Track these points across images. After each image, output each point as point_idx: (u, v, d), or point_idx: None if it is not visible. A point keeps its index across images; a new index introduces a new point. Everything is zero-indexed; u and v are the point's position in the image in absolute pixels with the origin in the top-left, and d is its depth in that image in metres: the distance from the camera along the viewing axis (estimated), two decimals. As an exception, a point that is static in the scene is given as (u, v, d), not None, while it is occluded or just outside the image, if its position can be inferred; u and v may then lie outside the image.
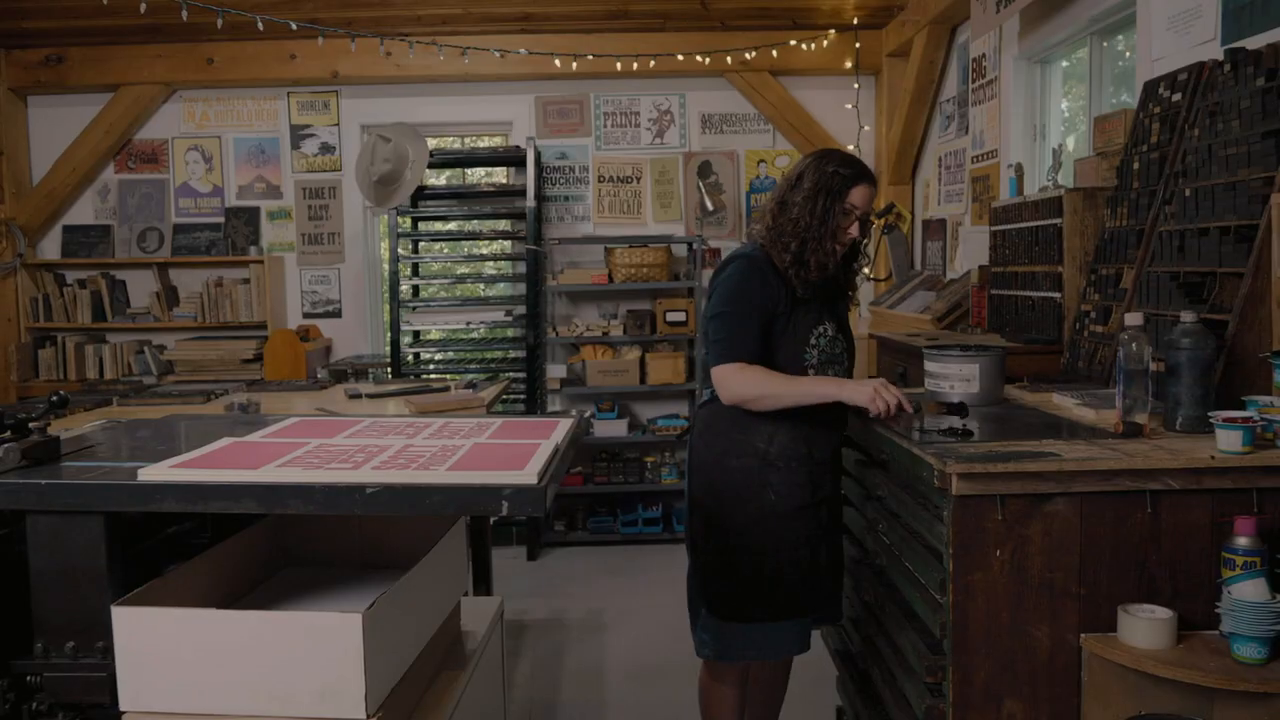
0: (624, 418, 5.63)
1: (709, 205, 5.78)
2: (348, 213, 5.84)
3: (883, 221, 5.53)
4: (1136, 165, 2.85)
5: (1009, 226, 3.49)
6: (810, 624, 2.49)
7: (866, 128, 5.74)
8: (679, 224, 5.85)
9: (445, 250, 5.94)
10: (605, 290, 5.60)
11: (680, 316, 5.38)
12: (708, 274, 5.74)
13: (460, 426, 1.76)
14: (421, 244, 5.71)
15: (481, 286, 6.39)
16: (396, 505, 1.31)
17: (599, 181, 5.83)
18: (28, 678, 1.40)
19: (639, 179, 5.84)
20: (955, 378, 2.56)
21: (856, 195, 2.35)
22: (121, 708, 1.35)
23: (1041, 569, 1.91)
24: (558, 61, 5.30)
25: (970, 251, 4.61)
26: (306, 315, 5.89)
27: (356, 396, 3.46)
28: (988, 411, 2.46)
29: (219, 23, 4.36)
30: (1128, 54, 3.65)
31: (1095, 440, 2.03)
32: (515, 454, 1.46)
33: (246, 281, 5.71)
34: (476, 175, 6.31)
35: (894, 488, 2.34)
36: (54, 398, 2.17)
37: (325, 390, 3.78)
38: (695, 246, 5.49)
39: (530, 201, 5.30)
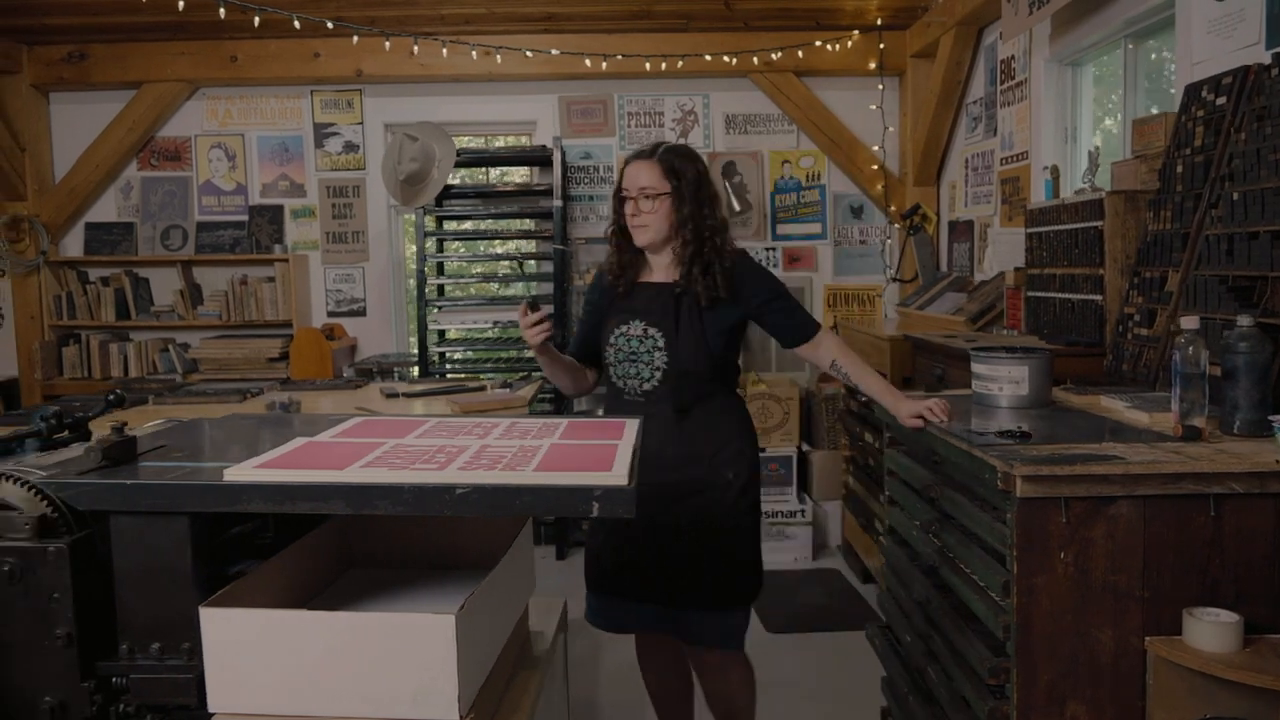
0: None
1: (735, 206, 5.77)
2: (371, 211, 5.85)
3: (908, 223, 5.53)
4: (1180, 168, 2.84)
5: (1046, 229, 3.49)
6: (628, 607, 2.63)
7: (891, 129, 5.74)
8: (702, 224, 5.84)
9: (462, 249, 5.92)
10: (629, 290, 5.58)
11: (705, 317, 5.37)
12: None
13: (529, 427, 1.76)
14: (446, 243, 5.71)
15: (496, 286, 6.38)
16: (486, 506, 1.31)
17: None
18: (113, 679, 1.40)
19: (662, 179, 5.83)
20: (1004, 380, 2.55)
21: (626, 178, 2.52)
22: (210, 709, 1.35)
23: (1104, 571, 1.91)
24: (588, 61, 5.30)
25: (1000, 253, 4.60)
26: (331, 314, 5.89)
27: (394, 396, 3.46)
28: (1037, 414, 2.45)
29: (257, 20, 4.36)
30: (1151, 56, 3.64)
31: (1155, 444, 2.03)
32: (595, 455, 1.46)
33: (271, 280, 5.71)
34: (494, 174, 6.31)
35: (947, 489, 2.34)
36: (110, 396, 2.17)
37: (360, 389, 3.78)
38: (720, 247, 5.48)
39: (557, 201, 5.30)
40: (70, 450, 1.61)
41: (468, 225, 5.92)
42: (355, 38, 4.81)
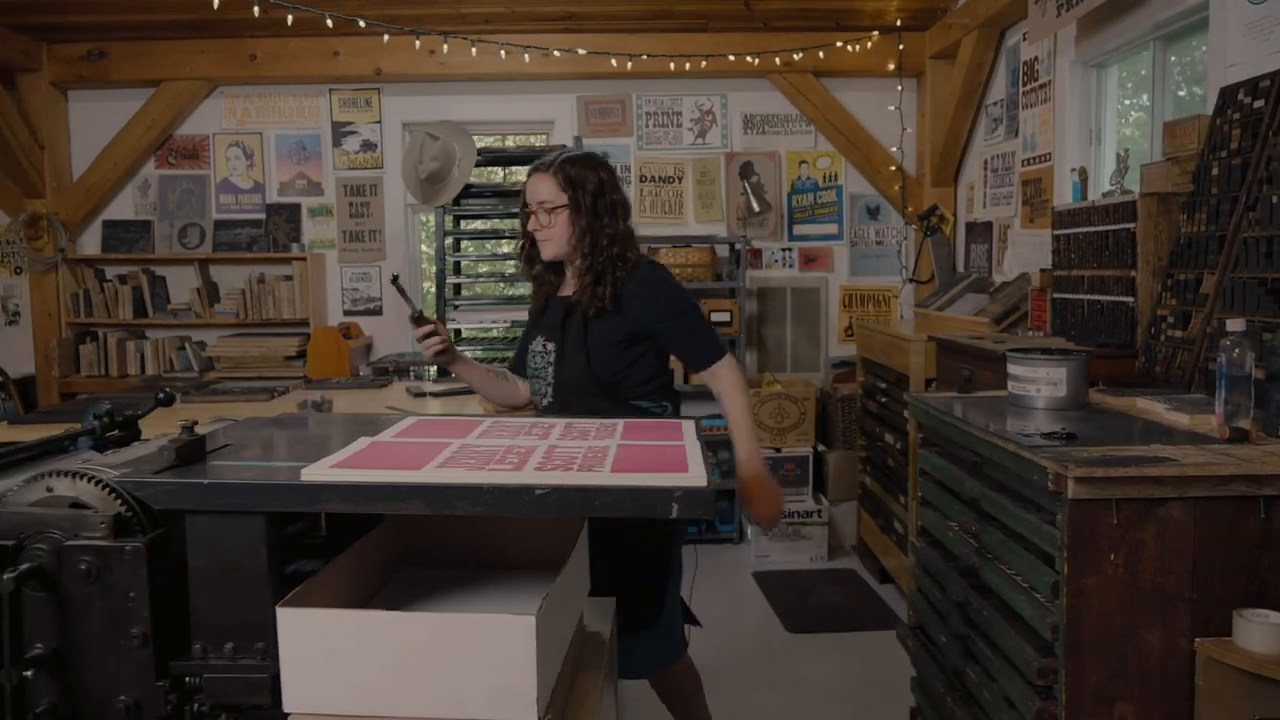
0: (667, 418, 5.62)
1: (755, 207, 5.78)
2: (389, 210, 5.85)
3: (925, 224, 5.54)
4: (1215, 171, 2.85)
5: (1074, 230, 3.49)
6: None
7: (908, 129, 5.74)
8: (720, 224, 5.86)
9: (471, 248, 5.92)
10: (646, 290, 5.59)
11: (725, 317, 5.38)
12: (751, 274, 5.75)
13: (587, 427, 1.76)
14: (462, 242, 5.71)
15: (501, 285, 6.38)
16: (565, 507, 1.32)
17: (640, 181, 5.84)
18: (186, 679, 1.40)
19: (680, 179, 5.84)
20: (1042, 381, 2.56)
21: (527, 191, 2.47)
22: (286, 709, 1.35)
23: (1154, 573, 1.92)
24: (614, 61, 5.29)
25: (1021, 254, 4.61)
26: (347, 313, 5.90)
27: (420, 395, 3.46)
28: (1074, 415, 2.46)
29: (289, 19, 4.36)
30: (1170, 59, 3.65)
31: (1203, 445, 2.03)
32: (666, 456, 1.46)
33: (288, 279, 5.71)
34: (506, 174, 6.31)
35: (986, 489, 2.34)
36: (160, 395, 2.18)
37: (385, 388, 3.79)
38: (739, 247, 5.49)
39: (576, 201, 5.30)
40: (135, 449, 1.61)
41: (477, 224, 5.92)
42: (386, 36, 4.81)
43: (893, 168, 5.75)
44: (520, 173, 6.26)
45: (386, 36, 4.82)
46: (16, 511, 1.39)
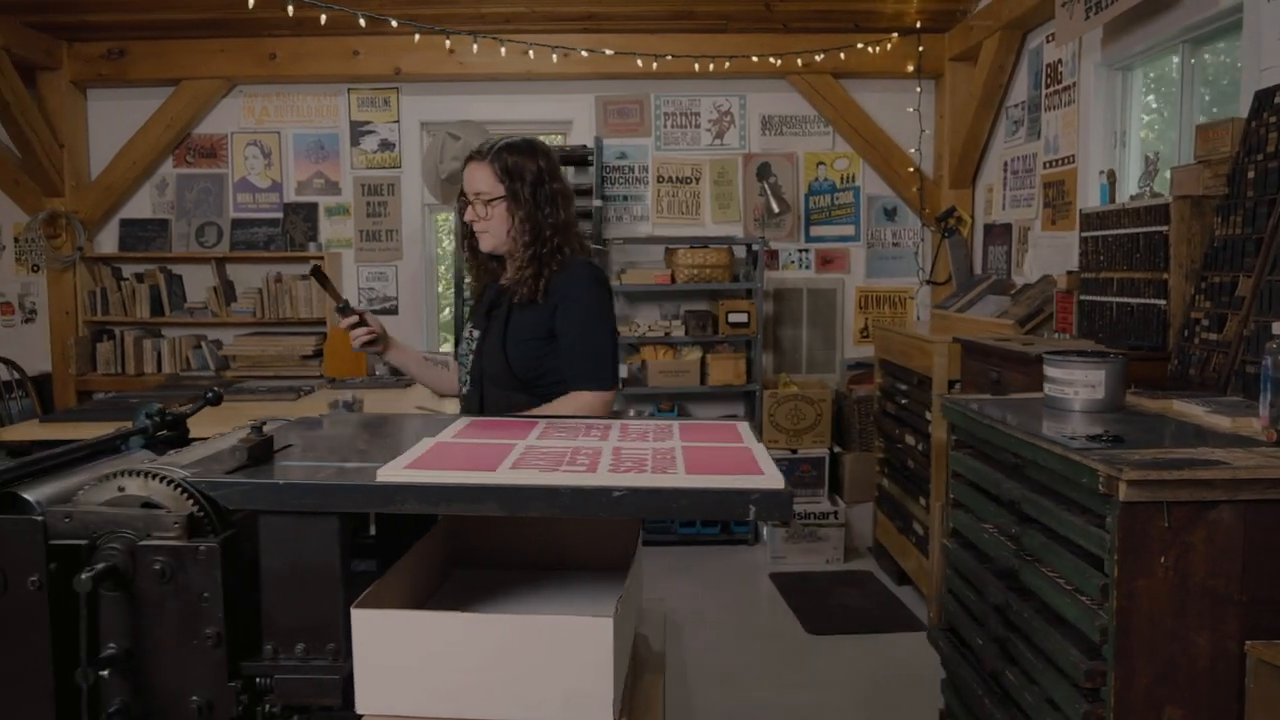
0: (683, 418, 5.63)
1: (774, 208, 5.78)
2: (406, 210, 5.85)
3: (942, 226, 5.54)
4: (1252, 174, 2.85)
5: (1103, 233, 3.49)
6: None
7: (927, 131, 5.74)
8: (737, 225, 5.86)
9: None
10: (665, 291, 5.60)
11: (743, 318, 5.39)
12: (768, 275, 5.75)
13: (643, 428, 1.76)
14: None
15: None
16: (643, 508, 1.32)
17: (658, 182, 5.84)
18: (256, 680, 1.40)
19: (698, 180, 5.85)
20: (1080, 383, 2.56)
21: (464, 180, 2.39)
22: (359, 710, 1.35)
23: (1204, 575, 1.92)
24: (639, 62, 5.30)
25: (1042, 256, 4.61)
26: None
27: (447, 395, 3.46)
28: (1112, 418, 2.46)
29: (322, 19, 4.37)
30: (1190, 62, 3.65)
31: (1250, 448, 2.03)
32: (736, 458, 1.46)
33: (305, 278, 5.71)
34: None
35: (1026, 492, 2.34)
36: (209, 395, 2.18)
37: (411, 388, 3.79)
38: (757, 248, 5.49)
39: (596, 201, 5.31)
40: (197, 448, 1.61)
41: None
42: (418, 34, 4.80)
43: (910, 169, 5.75)
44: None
45: (418, 36, 4.82)
46: (89, 511, 1.39)
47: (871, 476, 5.31)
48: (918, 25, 5.41)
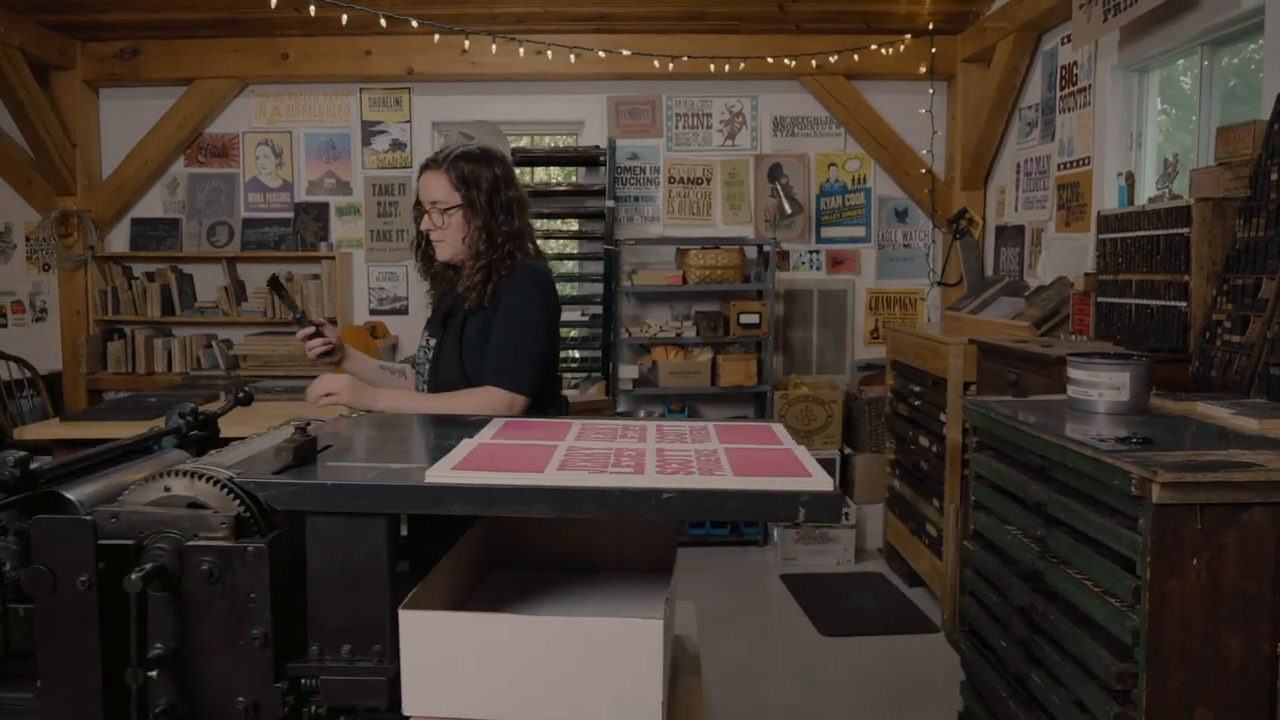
0: (694, 419, 5.63)
1: (787, 208, 5.78)
2: (417, 210, 5.84)
3: (954, 227, 5.54)
4: (1274, 176, 2.85)
5: (1121, 235, 3.49)
6: None
7: (939, 133, 5.74)
8: (748, 226, 5.86)
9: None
10: (676, 291, 5.61)
11: (754, 319, 5.39)
12: (781, 276, 5.75)
13: (679, 430, 1.76)
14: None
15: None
16: (691, 510, 1.32)
17: (669, 183, 5.84)
18: (302, 681, 1.40)
19: (709, 180, 5.85)
20: (1104, 385, 2.56)
21: (420, 189, 2.40)
22: (406, 711, 1.35)
23: (1236, 577, 1.92)
24: (656, 62, 5.29)
25: (1056, 258, 4.61)
26: (373, 312, 5.90)
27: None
28: (1136, 420, 2.46)
29: (344, 18, 4.37)
30: (1204, 64, 3.65)
31: (1280, 451, 2.04)
32: (780, 459, 1.46)
33: (316, 277, 5.72)
34: (546, 173, 6.31)
35: (1053, 494, 2.34)
36: (240, 394, 2.19)
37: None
38: (768, 249, 5.49)
39: (609, 201, 5.31)
40: (238, 449, 1.61)
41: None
42: (437, 34, 4.80)
43: (922, 171, 5.75)
44: (552, 173, 6.27)
45: (437, 36, 4.82)
46: (136, 511, 1.39)
47: (882, 478, 5.31)
48: (930, 27, 5.41)
